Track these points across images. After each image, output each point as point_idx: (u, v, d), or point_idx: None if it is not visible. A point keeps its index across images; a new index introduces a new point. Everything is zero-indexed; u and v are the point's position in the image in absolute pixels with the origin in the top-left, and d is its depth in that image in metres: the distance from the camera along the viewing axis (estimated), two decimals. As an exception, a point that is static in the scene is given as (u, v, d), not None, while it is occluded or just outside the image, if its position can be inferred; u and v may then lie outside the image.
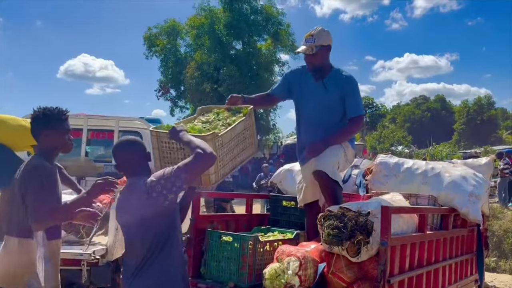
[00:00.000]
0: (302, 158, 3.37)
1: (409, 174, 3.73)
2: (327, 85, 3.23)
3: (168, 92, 26.82)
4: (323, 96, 3.23)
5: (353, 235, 2.52)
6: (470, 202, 3.48)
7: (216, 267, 3.06)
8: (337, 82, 3.22)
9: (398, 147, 31.06)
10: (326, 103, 3.23)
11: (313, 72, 3.27)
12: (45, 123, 2.49)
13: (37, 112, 2.52)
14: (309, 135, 3.32)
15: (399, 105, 61.73)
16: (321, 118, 3.24)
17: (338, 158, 3.20)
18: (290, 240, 3.21)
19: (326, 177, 3.10)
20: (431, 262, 3.16)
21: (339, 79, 3.23)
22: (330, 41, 3.25)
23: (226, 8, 23.95)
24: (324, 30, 3.24)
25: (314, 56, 3.19)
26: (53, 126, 2.50)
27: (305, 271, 2.72)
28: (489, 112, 48.84)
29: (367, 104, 48.44)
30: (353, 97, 3.23)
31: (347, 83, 3.23)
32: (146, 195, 2.12)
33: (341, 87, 3.21)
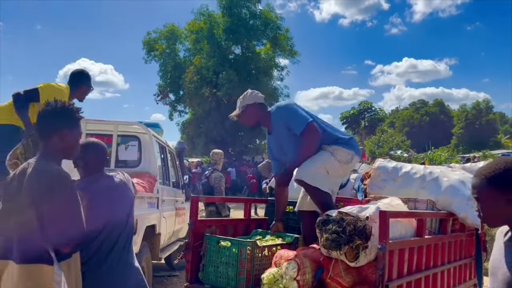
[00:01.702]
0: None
1: (407, 179, 3.73)
2: (276, 131, 3.44)
3: (167, 96, 26.85)
4: (283, 141, 3.42)
5: (351, 239, 2.52)
6: (469, 206, 3.47)
7: (214, 272, 3.05)
8: (277, 121, 3.41)
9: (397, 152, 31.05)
10: (290, 144, 3.37)
11: (262, 126, 3.57)
12: (64, 120, 2.10)
13: (54, 106, 2.11)
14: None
15: (397, 110, 61.91)
16: (290, 157, 3.39)
17: (322, 163, 3.23)
18: (288, 244, 3.21)
19: (305, 185, 3.23)
20: (430, 267, 3.16)
21: (276, 118, 3.42)
22: (257, 99, 3.47)
23: (225, 12, 24.06)
24: (249, 93, 3.52)
25: (241, 115, 3.47)
26: (72, 125, 2.13)
27: (303, 276, 2.72)
28: (488, 116, 48.93)
29: (366, 108, 48.50)
30: (292, 118, 3.32)
31: (281, 114, 3.40)
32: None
33: (282, 121, 3.38)
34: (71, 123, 2.13)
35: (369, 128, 45.93)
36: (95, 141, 2.57)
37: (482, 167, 1.61)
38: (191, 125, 26.01)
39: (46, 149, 2.08)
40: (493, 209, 1.54)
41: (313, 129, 3.24)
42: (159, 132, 6.18)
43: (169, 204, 5.63)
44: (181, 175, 6.73)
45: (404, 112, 58.80)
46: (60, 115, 2.09)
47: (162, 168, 5.72)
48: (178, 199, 6.29)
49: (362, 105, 49.31)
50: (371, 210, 2.65)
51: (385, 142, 33.39)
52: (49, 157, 2.05)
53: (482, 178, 1.54)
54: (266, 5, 25.33)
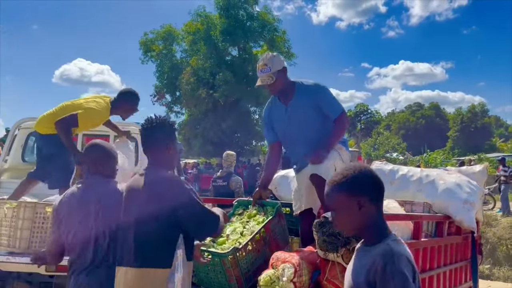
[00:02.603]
0: (297, 168, 3.42)
1: (404, 181, 3.75)
2: (298, 103, 3.29)
3: (163, 97, 26.81)
4: (299, 114, 3.28)
5: (348, 241, 2.52)
6: (465, 209, 3.49)
7: (205, 277, 2.99)
8: (306, 96, 3.27)
9: (392, 154, 31.19)
10: (304, 120, 3.28)
11: (280, 96, 3.34)
12: (169, 134, 2.33)
13: (164, 121, 2.32)
14: (293, 154, 3.44)
15: (393, 112, 62.07)
16: (308, 134, 3.28)
17: (333, 161, 3.21)
18: (271, 219, 3.10)
19: (322, 180, 3.06)
20: (426, 269, 3.17)
21: (307, 93, 3.28)
22: (284, 63, 3.32)
23: (222, 14, 24.06)
24: (274, 56, 3.30)
25: (274, 84, 3.23)
26: (175, 138, 2.38)
27: (300, 278, 2.71)
28: (483, 120, 49.19)
29: (362, 110, 48.68)
30: (327, 100, 3.27)
31: (315, 92, 3.27)
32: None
33: (312, 98, 3.25)
34: (173, 136, 2.35)
35: (365, 130, 46.11)
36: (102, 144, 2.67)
37: (334, 174, 1.63)
38: (188, 126, 25.97)
39: (158, 160, 2.27)
40: (347, 216, 1.56)
41: (346, 117, 3.32)
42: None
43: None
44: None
45: (400, 114, 58.98)
46: (165, 130, 2.30)
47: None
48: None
49: (358, 108, 49.50)
50: (368, 212, 2.65)
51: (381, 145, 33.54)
52: (164, 167, 2.26)
53: (334, 186, 1.57)
54: (263, 7, 25.41)
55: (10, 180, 4.73)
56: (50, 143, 3.93)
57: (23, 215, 3.39)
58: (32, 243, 3.44)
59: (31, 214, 3.39)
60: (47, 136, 3.95)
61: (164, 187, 2.14)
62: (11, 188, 4.11)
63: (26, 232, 3.39)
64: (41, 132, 4.01)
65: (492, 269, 9.94)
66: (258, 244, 2.95)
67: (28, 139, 5.32)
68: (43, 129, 3.98)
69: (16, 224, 3.38)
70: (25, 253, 3.36)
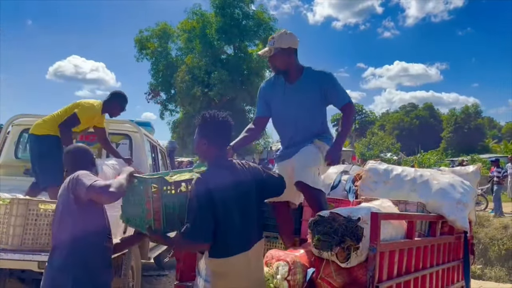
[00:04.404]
0: (281, 156, 3.33)
1: (398, 181, 3.76)
2: (302, 86, 3.22)
3: (158, 95, 26.74)
4: (300, 97, 3.21)
5: (342, 240, 2.53)
6: (458, 209, 3.51)
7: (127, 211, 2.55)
8: (313, 80, 3.20)
9: (387, 154, 31.29)
10: (304, 104, 3.21)
11: (284, 75, 3.26)
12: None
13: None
14: (287, 136, 3.32)
15: (388, 113, 62.34)
16: (298, 118, 3.23)
17: (317, 164, 3.14)
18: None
19: (307, 187, 3.05)
20: (419, 269, 3.18)
21: (314, 77, 3.21)
22: (293, 44, 3.21)
23: (218, 12, 24.03)
24: (286, 33, 3.22)
25: (273, 58, 3.19)
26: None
27: (294, 276, 2.72)
28: (476, 121, 49.57)
29: (357, 111, 48.79)
30: (335, 88, 3.21)
31: (323, 77, 3.21)
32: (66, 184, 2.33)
33: (319, 84, 3.19)
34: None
35: (360, 130, 46.25)
36: (76, 146, 2.75)
37: None
38: (182, 124, 25.92)
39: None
40: None
41: (353, 107, 3.32)
42: (151, 131, 6.15)
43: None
44: (171, 174, 6.69)
45: (394, 115, 59.26)
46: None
47: (153, 167, 5.68)
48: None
49: (353, 107, 49.51)
50: (362, 211, 2.66)
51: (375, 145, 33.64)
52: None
53: None
54: (259, 6, 25.41)
55: (2, 177, 4.69)
56: (44, 143, 4.12)
57: (16, 212, 3.36)
58: (25, 240, 3.41)
59: (24, 211, 3.37)
60: (42, 136, 4.13)
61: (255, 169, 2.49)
62: (4, 185, 4.08)
63: (18, 229, 3.37)
64: (37, 134, 4.15)
65: (484, 269, 10.00)
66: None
67: (21, 136, 5.29)
68: (41, 131, 4.15)
69: (9, 221, 3.35)
70: (17, 250, 3.34)
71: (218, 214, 2.15)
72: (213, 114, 2.33)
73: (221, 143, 2.35)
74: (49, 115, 4.33)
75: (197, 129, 2.36)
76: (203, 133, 2.32)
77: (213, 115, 2.32)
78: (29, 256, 3.33)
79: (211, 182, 2.17)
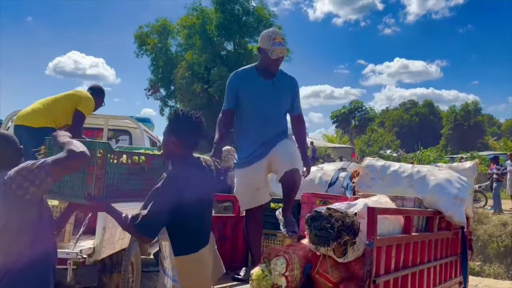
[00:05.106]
0: (254, 156, 3.35)
1: (395, 177, 3.77)
2: (277, 83, 3.39)
3: (157, 91, 26.71)
4: (274, 93, 3.37)
5: (339, 235, 2.55)
6: (455, 204, 3.53)
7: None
8: (286, 82, 3.45)
9: (386, 151, 31.31)
10: (276, 100, 3.39)
11: (263, 72, 3.38)
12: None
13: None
14: (262, 132, 3.36)
15: (388, 110, 62.32)
16: (273, 114, 3.39)
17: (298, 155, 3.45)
18: (156, 155, 2.64)
19: (298, 173, 3.32)
20: (416, 264, 3.20)
21: (287, 80, 3.47)
22: None
23: (218, 8, 23.97)
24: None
25: (282, 58, 3.39)
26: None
27: (292, 272, 2.74)
28: (476, 118, 49.55)
29: (357, 107, 48.80)
30: (298, 96, 3.55)
31: (295, 83, 3.51)
32: (4, 186, 1.90)
33: (291, 87, 3.46)
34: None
35: (359, 127, 46.22)
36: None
37: None
38: (182, 121, 25.90)
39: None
40: None
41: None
42: (150, 127, 6.17)
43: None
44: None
45: (394, 112, 59.24)
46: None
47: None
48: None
49: (353, 105, 49.60)
50: (359, 206, 2.68)
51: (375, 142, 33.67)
52: None
53: None
54: (259, 2, 25.31)
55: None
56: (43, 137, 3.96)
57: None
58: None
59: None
60: (40, 129, 3.93)
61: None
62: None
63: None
64: (33, 126, 4.00)
65: (483, 266, 10.04)
66: (134, 166, 2.46)
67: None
68: (38, 123, 3.99)
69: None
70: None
71: (184, 211, 2.12)
72: (187, 113, 2.28)
73: (191, 143, 2.29)
74: (37, 104, 4.19)
75: (168, 125, 2.29)
76: (174, 130, 2.26)
77: (187, 114, 2.27)
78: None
79: (179, 179, 2.15)
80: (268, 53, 3.29)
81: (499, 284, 8.19)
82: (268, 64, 3.34)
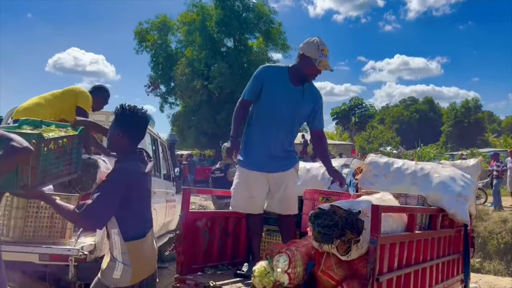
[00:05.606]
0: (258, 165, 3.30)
1: (399, 174, 3.75)
2: (305, 94, 3.32)
3: (157, 88, 26.63)
4: (299, 102, 3.30)
5: (343, 233, 2.53)
6: (458, 202, 3.52)
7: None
8: (313, 93, 3.38)
9: (386, 148, 31.31)
10: (300, 109, 3.33)
11: (296, 79, 3.29)
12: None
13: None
14: (272, 138, 3.29)
15: (388, 106, 62.26)
16: (289, 122, 3.32)
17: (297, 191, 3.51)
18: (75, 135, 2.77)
19: (293, 220, 3.45)
20: (419, 261, 3.19)
21: (315, 92, 3.40)
22: None
23: (218, 5, 23.86)
24: None
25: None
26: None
27: (295, 269, 2.73)
28: (476, 115, 49.54)
29: (357, 104, 48.73)
30: (321, 110, 3.45)
31: (320, 97, 3.44)
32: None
33: (316, 100, 3.38)
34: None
35: (360, 124, 46.16)
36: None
37: None
38: (182, 117, 25.86)
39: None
40: None
41: None
42: (151, 123, 6.12)
43: (159, 196, 5.61)
44: (172, 167, 6.69)
45: (394, 109, 59.22)
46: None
47: (153, 160, 5.67)
48: (169, 191, 6.26)
49: (353, 101, 49.52)
50: (363, 204, 2.66)
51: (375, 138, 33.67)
52: None
53: None
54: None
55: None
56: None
57: (17, 204, 3.37)
58: (25, 232, 3.42)
59: (24, 203, 3.37)
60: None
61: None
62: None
63: (19, 222, 3.37)
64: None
65: (483, 263, 10.05)
66: (59, 151, 2.56)
67: (21, 128, 5.27)
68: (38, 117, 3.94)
69: (9, 213, 3.36)
70: (18, 242, 3.34)
71: (131, 201, 2.25)
72: (133, 108, 2.34)
73: (135, 137, 2.37)
74: (36, 98, 4.23)
75: (114, 120, 2.36)
76: (119, 124, 2.33)
77: (132, 109, 2.33)
78: (30, 248, 3.34)
79: (125, 172, 2.26)
80: (313, 62, 3.18)
81: (499, 280, 8.19)
82: (309, 73, 3.26)
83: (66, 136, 2.68)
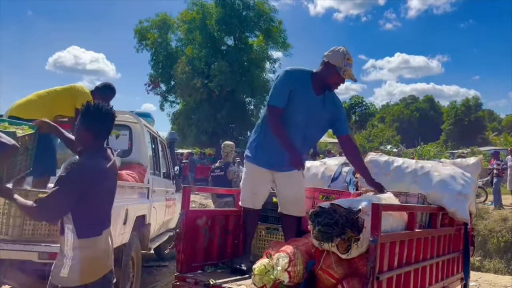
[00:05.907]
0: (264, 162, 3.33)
1: (399, 173, 3.75)
2: (326, 102, 3.30)
3: (157, 86, 26.60)
4: (320, 111, 3.29)
5: (343, 231, 2.53)
6: (459, 201, 3.51)
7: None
8: (333, 102, 3.36)
9: (387, 146, 31.27)
10: (319, 118, 3.31)
11: (318, 86, 3.27)
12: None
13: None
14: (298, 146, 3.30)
15: (388, 105, 62.22)
16: (308, 130, 3.31)
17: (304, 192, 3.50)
18: (31, 134, 2.96)
19: (298, 221, 3.45)
20: (419, 260, 3.19)
21: (335, 100, 3.39)
22: None
23: (218, 3, 23.83)
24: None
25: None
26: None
27: (295, 267, 2.73)
28: (477, 113, 49.48)
29: (357, 102, 48.66)
30: (344, 118, 3.47)
31: (340, 106, 3.44)
32: None
33: (337, 108, 3.37)
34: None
35: (360, 122, 46.09)
36: None
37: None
38: (182, 116, 25.84)
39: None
40: None
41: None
42: (151, 122, 6.12)
43: (159, 194, 5.61)
44: (172, 165, 6.69)
45: (394, 107, 59.17)
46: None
47: (153, 158, 5.67)
48: (169, 190, 6.26)
49: (353, 100, 49.43)
50: (363, 202, 2.66)
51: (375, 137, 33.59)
52: None
53: None
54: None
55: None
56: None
57: (16, 202, 3.35)
58: (25, 230, 3.42)
59: (24, 201, 3.36)
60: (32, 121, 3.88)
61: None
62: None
63: (19, 220, 3.37)
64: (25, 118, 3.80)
65: (483, 261, 10.05)
66: (23, 149, 2.72)
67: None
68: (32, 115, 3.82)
69: (9, 211, 3.35)
70: (17, 240, 3.34)
71: (89, 197, 2.22)
72: (97, 105, 2.37)
73: (99, 134, 2.39)
74: (32, 95, 4.18)
75: (80, 117, 2.39)
76: (84, 121, 2.36)
77: (96, 106, 2.37)
78: (29, 246, 3.34)
79: (84, 168, 2.25)
80: (339, 71, 3.18)
81: (499, 279, 8.18)
82: (333, 82, 3.25)
83: (28, 134, 2.85)
